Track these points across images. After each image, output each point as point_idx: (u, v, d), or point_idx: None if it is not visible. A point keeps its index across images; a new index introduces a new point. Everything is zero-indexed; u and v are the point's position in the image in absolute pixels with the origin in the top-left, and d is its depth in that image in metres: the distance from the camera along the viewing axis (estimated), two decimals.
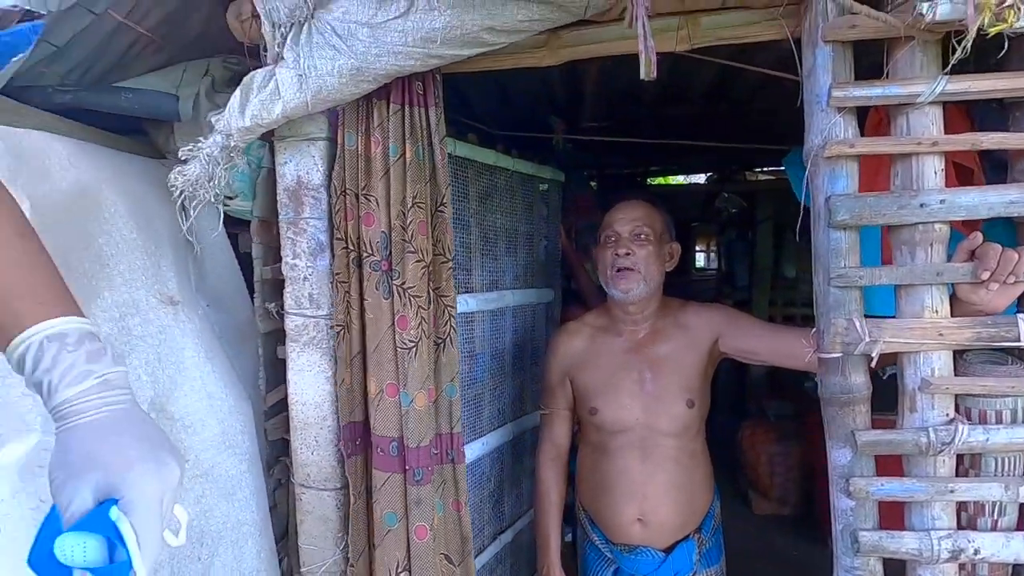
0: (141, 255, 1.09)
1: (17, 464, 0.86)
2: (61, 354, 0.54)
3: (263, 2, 1.08)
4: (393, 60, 1.04)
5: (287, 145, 1.17)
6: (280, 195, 1.18)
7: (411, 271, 1.12)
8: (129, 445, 0.51)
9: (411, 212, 1.12)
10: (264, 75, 1.08)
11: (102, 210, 1.06)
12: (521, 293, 1.86)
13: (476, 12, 0.99)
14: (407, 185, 1.12)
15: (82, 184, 1.03)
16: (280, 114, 1.08)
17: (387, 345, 1.13)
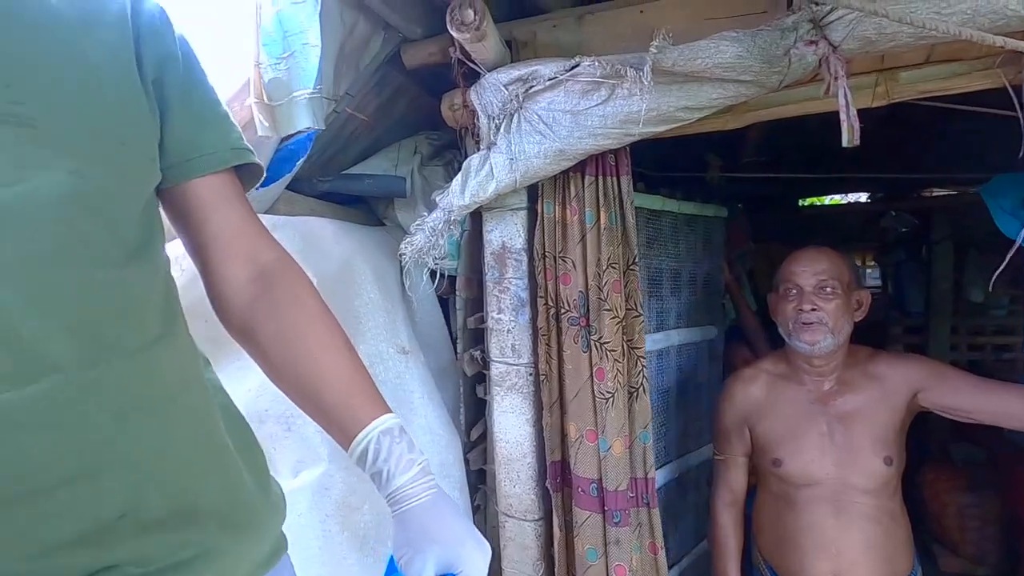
0: (382, 313, 1.31)
1: (311, 486, 1.09)
2: (392, 446, 0.63)
3: (479, 99, 1.26)
4: (593, 141, 1.17)
5: (493, 215, 1.34)
6: (487, 258, 1.35)
7: (607, 327, 1.23)
8: (454, 523, 0.61)
9: (606, 273, 1.24)
10: (479, 159, 1.26)
11: (355, 277, 1.30)
12: (685, 332, 1.90)
13: (673, 95, 1.08)
14: (602, 248, 1.24)
15: (344, 257, 1.28)
16: (494, 192, 1.25)
17: (586, 394, 1.24)
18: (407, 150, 1.60)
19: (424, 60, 1.44)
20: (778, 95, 1.15)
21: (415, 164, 1.56)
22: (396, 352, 1.31)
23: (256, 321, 0.65)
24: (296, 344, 0.65)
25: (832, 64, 0.97)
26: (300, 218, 1.26)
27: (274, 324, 0.65)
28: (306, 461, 1.09)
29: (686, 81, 1.06)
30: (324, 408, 0.65)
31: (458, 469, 1.37)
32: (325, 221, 1.31)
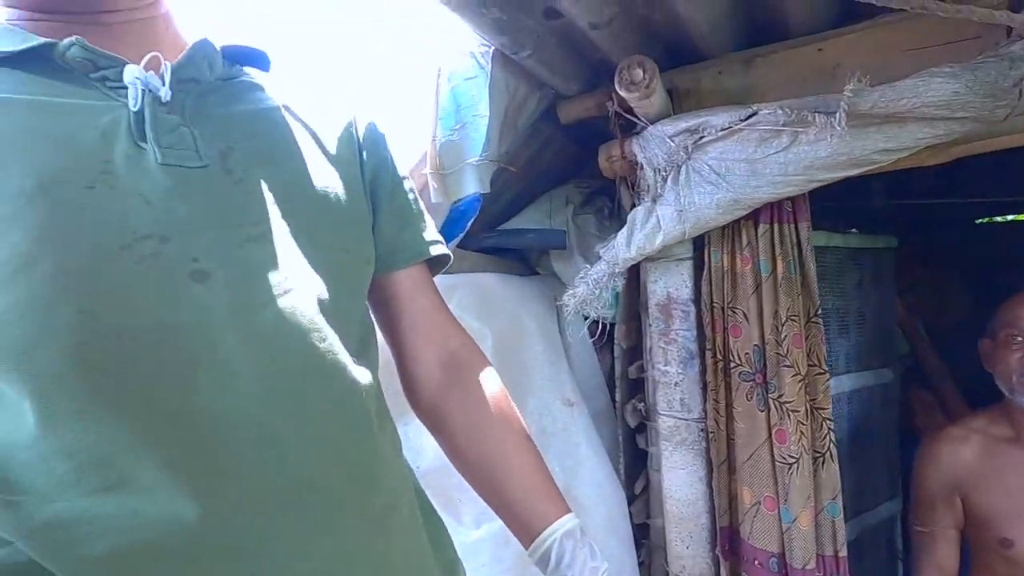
0: (547, 365, 1.34)
1: (493, 537, 1.12)
2: (576, 550, 0.62)
3: (642, 151, 1.26)
4: (772, 190, 1.11)
5: (657, 265, 1.32)
6: (651, 309, 1.33)
7: (788, 385, 1.15)
8: None
9: (785, 326, 1.16)
10: (644, 212, 1.26)
11: (522, 331, 1.34)
12: (857, 377, 1.73)
13: (870, 138, 1.00)
14: (779, 300, 1.17)
15: (511, 311, 1.33)
16: (660, 244, 1.23)
17: (764, 457, 1.17)
18: (559, 200, 1.64)
19: (580, 115, 1.47)
20: (998, 126, 1.03)
21: (568, 214, 1.59)
22: (562, 404, 1.32)
23: (446, 410, 0.68)
24: (485, 440, 0.67)
25: None
26: (472, 275, 1.33)
27: (464, 417, 0.68)
28: (488, 513, 1.12)
29: (885, 122, 0.98)
30: (507, 502, 0.66)
31: (624, 524, 1.35)
32: (492, 276, 1.37)
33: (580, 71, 1.41)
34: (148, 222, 0.44)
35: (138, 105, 0.46)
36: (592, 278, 1.33)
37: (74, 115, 0.45)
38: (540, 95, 1.46)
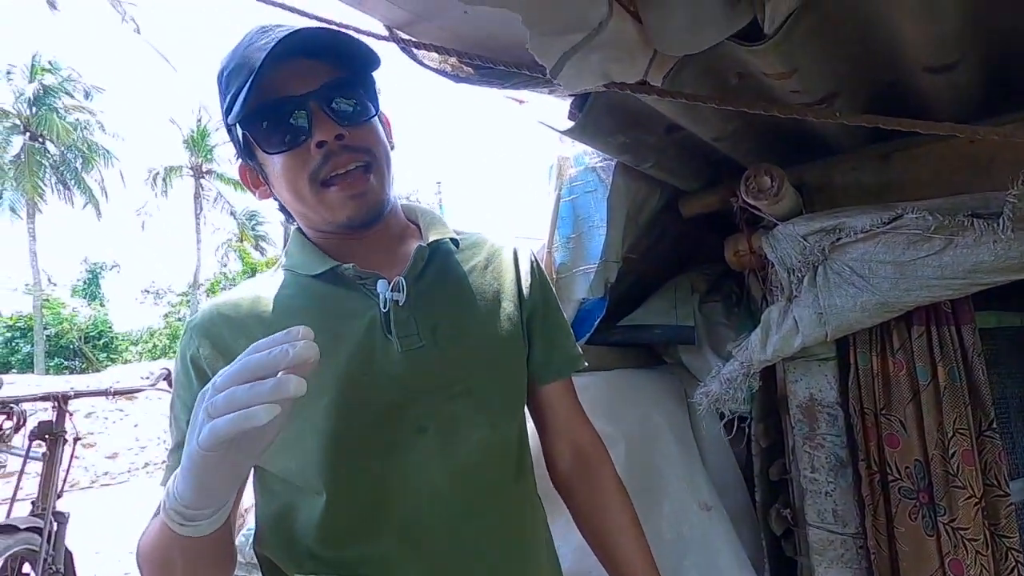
0: (681, 467, 1.32)
1: None
2: None
3: (773, 249, 1.24)
4: (926, 293, 1.04)
5: (796, 365, 1.27)
6: (793, 410, 1.27)
7: (962, 510, 1.03)
8: None
9: (952, 441, 1.06)
10: (779, 312, 1.22)
11: (655, 431, 1.34)
12: None
13: None
14: (943, 411, 1.07)
15: (642, 410, 1.34)
16: (799, 346, 1.19)
17: None
18: (684, 289, 1.64)
19: (702, 210, 1.49)
20: None
21: (694, 303, 1.58)
22: (699, 508, 1.28)
23: (573, 488, 0.84)
24: (604, 518, 0.82)
25: None
26: (600, 374, 1.36)
27: (586, 497, 0.83)
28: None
29: None
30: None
31: None
32: (621, 374, 1.40)
33: (701, 170, 1.43)
34: (395, 396, 0.64)
35: (386, 307, 0.66)
36: (725, 377, 1.30)
37: (349, 317, 0.66)
38: (661, 192, 1.51)
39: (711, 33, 0.80)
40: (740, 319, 1.57)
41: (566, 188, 1.36)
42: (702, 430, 1.49)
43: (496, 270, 0.78)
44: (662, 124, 1.21)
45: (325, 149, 0.63)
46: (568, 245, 1.35)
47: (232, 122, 0.64)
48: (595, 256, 1.31)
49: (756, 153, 1.27)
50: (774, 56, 0.88)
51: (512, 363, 0.74)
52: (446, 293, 0.71)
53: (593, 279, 1.33)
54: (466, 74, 1.00)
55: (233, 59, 0.64)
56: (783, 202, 1.18)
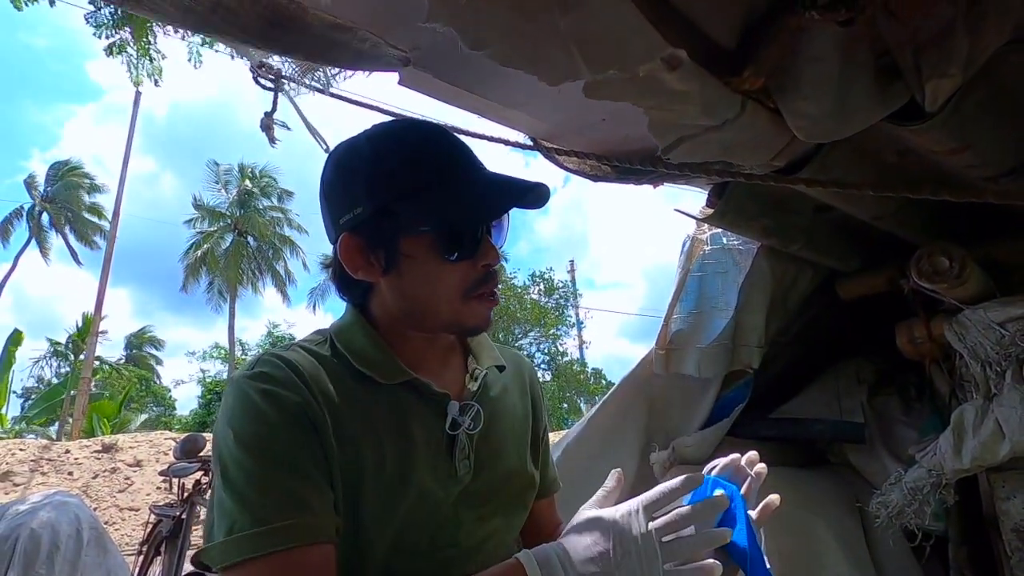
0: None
1: None
2: None
3: (961, 339, 1.08)
4: None
5: (1008, 478, 1.06)
6: (1007, 535, 1.05)
7: None
8: None
9: None
10: (976, 413, 1.04)
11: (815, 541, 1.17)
12: None
13: None
14: None
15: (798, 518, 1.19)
16: (1006, 455, 0.99)
17: None
18: (848, 378, 1.47)
19: (864, 292, 1.35)
20: None
21: (862, 396, 1.41)
22: None
23: None
24: None
25: None
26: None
27: None
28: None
29: None
30: None
31: None
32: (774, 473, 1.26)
33: (859, 249, 1.32)
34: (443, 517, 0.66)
35: (455, 430, 0.67)
36: (909, 486, 1.12)
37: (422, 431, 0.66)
38: (813, 273, 1.40)
39: (859, 119, 0.77)
40: (923, 416, 1.35)
41: (697, 263, 1.33)
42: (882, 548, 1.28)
43: (519, 391, 0.79)
44: (810, 205, 1.15)
45: (488, 270, 0.68)
46: (688, 319, 1.32)
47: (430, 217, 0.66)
48: (711, 337, 1.25)
49: (929, 230, 1.14)
50: (941, 133, 0.82)
51: (533, 486, 0.76)
52: (487, 417, 0.71)
53: (702, 358, 1.27)
54: (604, 173, 1.05)
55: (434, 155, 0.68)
56: (968, 284, 1.04)
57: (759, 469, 0.68)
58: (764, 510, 0.67)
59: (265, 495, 0.56)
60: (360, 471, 0.60)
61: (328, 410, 0.61)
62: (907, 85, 0.74)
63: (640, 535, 0.55)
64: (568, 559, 0.56)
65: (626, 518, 0.57)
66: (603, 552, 0.56)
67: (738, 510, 0.62)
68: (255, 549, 0.54)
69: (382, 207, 0.65)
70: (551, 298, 18.40)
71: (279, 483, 0.57)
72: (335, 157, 0.70)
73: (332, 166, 0.69)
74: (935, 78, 0.71)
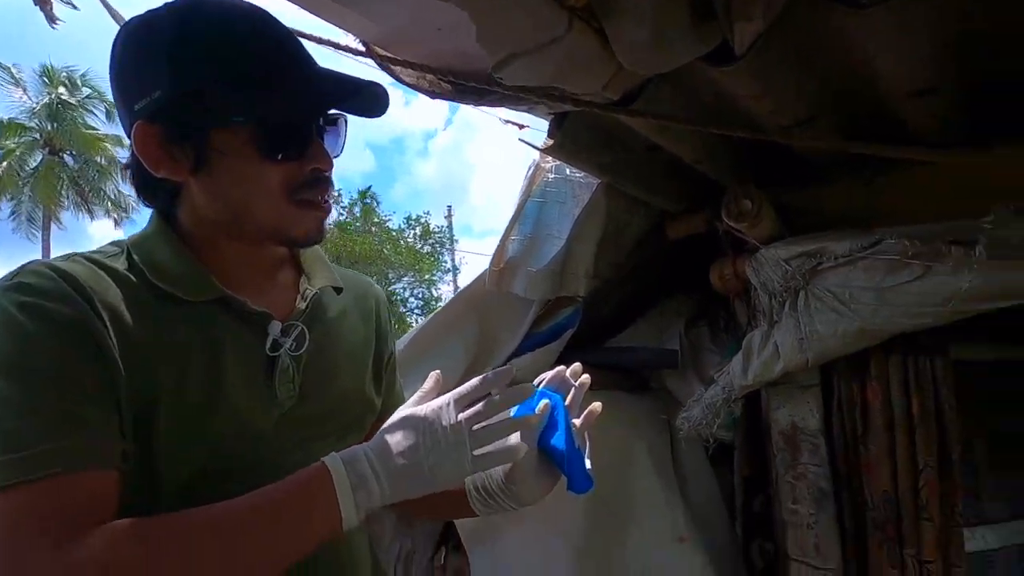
0: (658, 496, 1.28)
1: None
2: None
3: (756, 274, 1.22)
4: (907, 320, 1.02)
5: (779, 391, 1.24)
6: (775, 438, 1.24)
7: (927, 542, 1.00)
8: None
9: (923, 473, 1.02)
10: (761, 337, 1.20)
11: (632, 459, 1.31)
12: None
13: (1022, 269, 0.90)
14: (916, 442, 1.04)
15: (620, 438, 1.31)
16: (779, 372, 1.16)
17: None
18: (671, 313, 1.62)
19: (687, 232, 1.47)
20: None
21: (680, 328, 1.56)
22: (673, 540, 1.24)
23: None
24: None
25: None
26: None
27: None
28: None
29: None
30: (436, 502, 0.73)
31: None
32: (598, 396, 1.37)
33: (685, 190, 1.43)
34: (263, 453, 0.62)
35: (276, 352, 0.63)
36: (706, 402, 1.27)
37: (235, 355, 0.61)
38: (645, 213, 1.50)
39: (678, 52, 0.80)
40: (727, 345, 1.54)
41: (539, 190, 1.36)
42: (685, 459, 1.46)
43: (361, 315, 0.77)
44: (641, 143, 1.21)
45: (318, 175, 0.63)
46: (524, 242, 1.35)
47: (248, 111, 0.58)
48: (542, 262, 1.31)
49: (738, 175, 1.26)
50: (746, 77, 0.88)
51: (372, 409, 0.75)
52: (319, 341, 0.68)
53: (531, 281, 1.32)
54: (442, 90, 1.01)
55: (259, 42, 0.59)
56: (763, 224, 1.17)
57: (583, 380, 0.72)
58: (587, 417, 0.71)
59: (27, 418, 0.50)
60: (155, 396, 0.55)
61: (114, 328, 0.54)
62: (720, 26, 0.78)
63: (449, 425, 0.56)
64: (377, 455, 0.56)
65: (436, 411, 0.57)
66: (413, 445, 0.56)
67: (559, 416, 0.67)
68: (9, 477, 0.48)
69: (186, 91, 0.56)
70: (427, 243, 18.13)
71: (42, 404, 0.50)
72: (129, 31, 0.59)
73: (126, 41, 0.59)
74: (741, 20, 0.76)
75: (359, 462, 0.55)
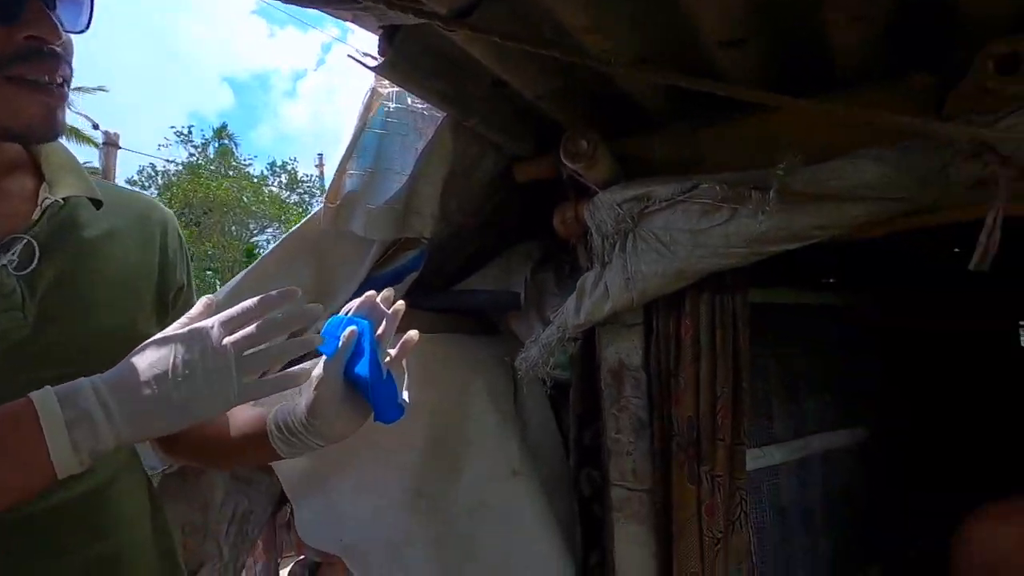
0: (494, 434, 1.31)
1: None
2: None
3: (592, 216, 1.26)
4: (716, 260, 1.10)
5: (608, 331, 1.30)
6: (604, 375, 1.31)
7: (719, 459, 1.13)
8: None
9: (720, 398, 1.14)
10: (594, 278, 1.24)
11: (470, 399, 1.31)
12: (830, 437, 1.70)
13: (807, 216, 1.00)
14: (717, 373, 1.15)
15: (459, 377, 1.30)
16: (609, 310, 1.22)
17: (692, 533, 1.13)
18: (519, 257, 1.63)
19: (535, 176, 1.47)
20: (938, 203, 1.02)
21: (527, 272, 1.58)
22: (508, 474, 1.28)
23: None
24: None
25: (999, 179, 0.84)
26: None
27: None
28: None
29: (821, 200, 0.98)
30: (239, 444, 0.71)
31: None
32: (440, 338, 1.35)
33: (533, 133, 1.42)
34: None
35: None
36: (543, 341, 1.31)
37: None
38: (496, 155, 1.47)
39: None
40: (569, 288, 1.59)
41: (379, 120, 1.27)
42: (526, 398, 1.50)
43: (140, 239, 0.68)
44: (487, 77, 1.17)
45: (37, 46, 0.51)
46: (362, 177, 1.25)
47: None
48: (382, 199, 1.23)
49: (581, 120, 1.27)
50: (575, 6, 0.86)
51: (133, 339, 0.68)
52: (66, 263, 0.59)
53: (370, 219, 1.23)
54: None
55: None
56: (600, 167, 1.19)
57: (397, 307, 0.68)
58: (403, 346, 0.68)
59: None
60: None
61: None
62: None
63: (211, 349, 0.49)
64: (111, 387, 0.47)
65: (195, 335, 0.49)
66: (160, 375, 0.47)
67: (365, 343, 0.62)
68: None
69: None
70: (294, 192, 16.84)
71: None
72: None
73: None
74: None
75: (81, 394, 0.46)
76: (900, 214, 0.98)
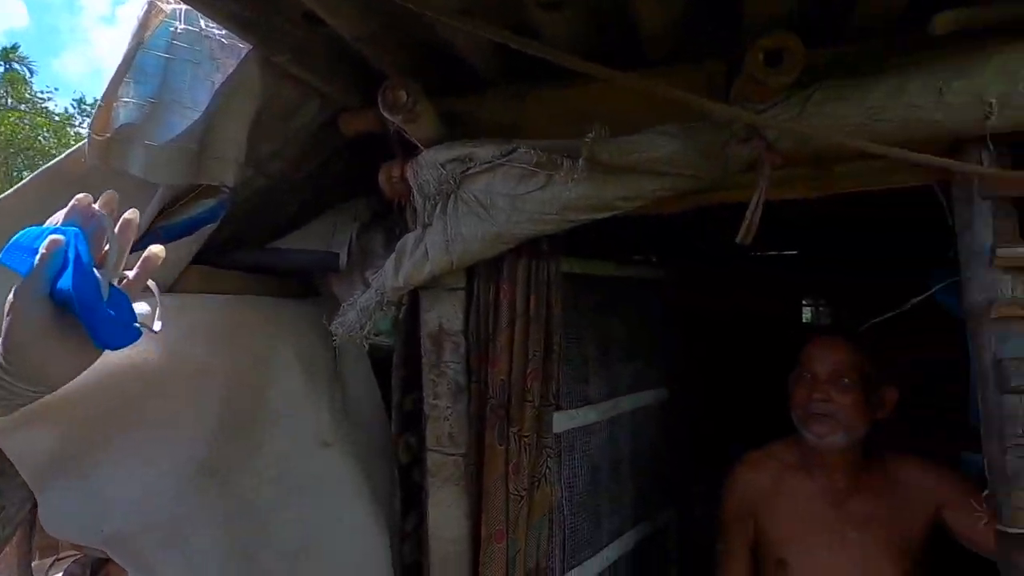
0: (303, 402, 1.22)
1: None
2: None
3: (415, 176, 1.21)
4: (532, 226, 1.12)
5: (430, 295, 1.27)
6: (424, 340, 1.28)
7: (527, 420, 1.17)
8: None
9: (531, 361, 1.18)
10: (414, 240, 1.20)
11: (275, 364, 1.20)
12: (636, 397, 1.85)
13: (612, 186, 1.05)
14: (530, 336, 1.19)
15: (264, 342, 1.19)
16: (429, 274, 1.18)
17: (499, 491, 1.17)
18: (346, 216, 1.53)
19: (361, 129, 1.38)
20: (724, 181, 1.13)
21: (354, 232, 1.48)
22: (316, 446, 1.21)
23: None
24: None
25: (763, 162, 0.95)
26: (210, 297, 1.16)
27: None
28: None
29: (624, 172, 1.03)
30: None
31: (385, 569, 1.27)
32: (241, 299, 1.22)
33: (360, 83, 1.32)
34: None
35: None
36: (360, 305, 1.24)
37: None
38: (319, 103, 1.35)
39: None
40: None
41: (161, 41, 1.07)
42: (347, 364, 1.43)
43: None
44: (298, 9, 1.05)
45: None
46: (142, 108, 1.06)
47: None
48: (167, 135, 1.07)
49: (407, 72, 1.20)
50: None
51: None
52: None
53: (154, 159, 1.05)
54: None
55: None
56: (423, 124, 1.14)
57: (129, 217, 0.61)
58: (145, 264, 0.63)
59: None
60: None
61: None
62: None
63: None
64: None
65: None
66: None
67: (71, 253, 0.55)
68: None
69: None
70: None
71: None
72: None
73: None
74: None
75: None
76: (691, 190, 1.07)
